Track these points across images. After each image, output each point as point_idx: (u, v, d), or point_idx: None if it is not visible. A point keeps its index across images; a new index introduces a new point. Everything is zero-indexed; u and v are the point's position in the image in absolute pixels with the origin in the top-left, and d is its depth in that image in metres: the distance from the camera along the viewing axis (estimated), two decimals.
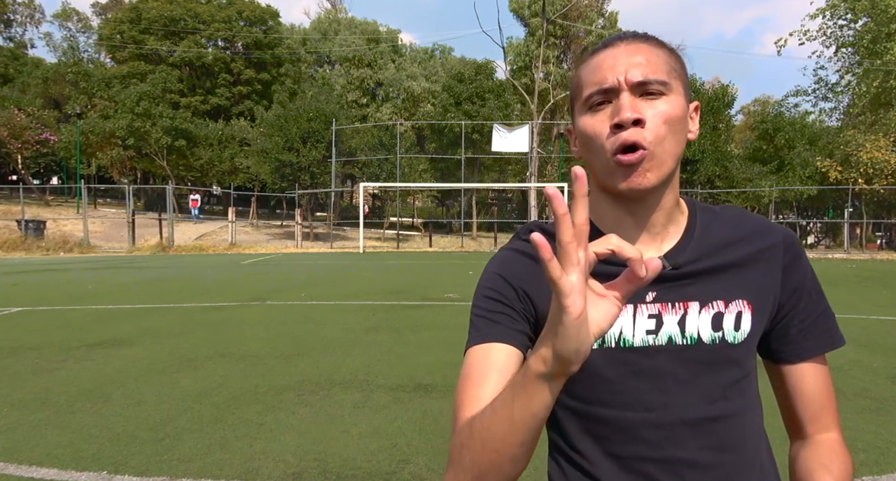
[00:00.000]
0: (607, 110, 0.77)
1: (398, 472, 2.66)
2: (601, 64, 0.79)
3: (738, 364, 0.81)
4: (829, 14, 28.19)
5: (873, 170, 24.24)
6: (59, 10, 45.92)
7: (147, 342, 5.50)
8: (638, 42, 0.79)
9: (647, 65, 0.77)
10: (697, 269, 0.82)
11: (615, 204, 0.83)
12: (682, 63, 0.82)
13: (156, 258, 19.09)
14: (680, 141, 0.78)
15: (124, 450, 2.88)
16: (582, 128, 0.80)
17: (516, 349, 0.79)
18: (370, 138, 30.15)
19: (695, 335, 0.80)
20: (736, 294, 0.82)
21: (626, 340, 0.81)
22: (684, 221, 0.86)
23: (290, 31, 45.06)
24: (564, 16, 35.92)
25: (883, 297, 8.95)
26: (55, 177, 41.32)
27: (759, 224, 0.87)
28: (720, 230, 0.85)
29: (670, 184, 0.82)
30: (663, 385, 0.80)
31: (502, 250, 0.91)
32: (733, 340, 0.81)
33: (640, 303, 0.81)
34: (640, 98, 0.76)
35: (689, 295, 0.81)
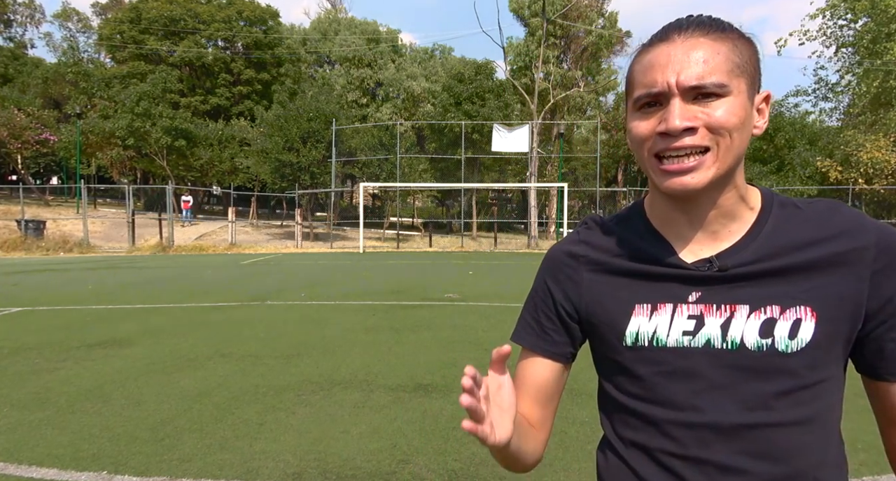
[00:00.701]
0: (657, 114, 0.74)
1: (398, 472, 2.66)
2: (654, 62, 0.73)
3: (792, 374, 0.75)
4: (829, 14, 28.19)
5: (873, 170, 24.24)
6: (59, 10, 45.92)
7: (147, 342, 5.50)
8: (697, 36, 0.72)
9: (705, 65, 0.71)
10: (752, 271, 0.77)
11: (667, 200, 0.81)
12: (752, 51, 0.75)
13: (156, 258, 19.09)
14: (740, 142, 0.74)
15: (124, 450, 2.88)
16: (630, 128, 0.78)
17: (557, 363, 0.91)
18: (370, 138, 30.14)
19: (737, 340, 0.76)
20: (797, 300, 0.75)
21: (658, 340, 0.80)
22: (752, 218, 0.80)
23: (290, 31, 45.06)
24: (564, 16, 35.91)
25: None
26: (55, 177, 41.34)
27: (850, 223, 0.77)
28: (797, 229, 0.78)
29: (729, 183, 0.77)
30: (696, 386, 0.77)
31: (557, 246, 0.95)
32: (785, 349, 0.75)
33: (680, 304, 0.79)
34: (695, 101, 0.72)
35: (739, 298, 0.77)
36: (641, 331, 0.81)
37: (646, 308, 0.81)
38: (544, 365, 0.91)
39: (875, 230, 0.76)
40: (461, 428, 0.69)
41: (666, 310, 0.79)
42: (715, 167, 0.73)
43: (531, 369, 0.91)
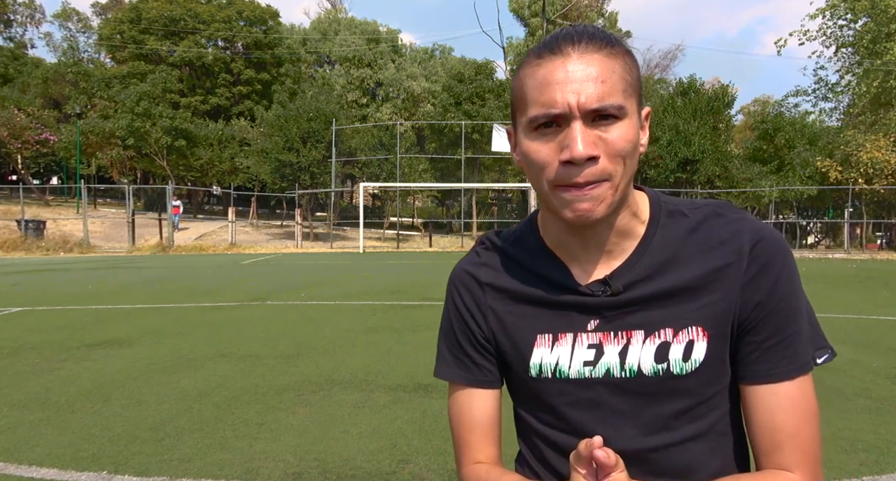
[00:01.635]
0: (556, 138, 0.70)
1: (398, 472, 2.66)
2: (549, 79, 0.69)
3: (689, 393, 0.77)
4: (828, 14, 28.19)
5: (873, 170, 24.24)
6: (59, 10, 45.91)
7: (147, 342, 5.50)
8: (591, 52, 0.69)
9: (602, 86, 0.68)
10: (644, 295, 0.76)
11: (561, 224, 0.79)
12: (635, 65, 0.74)
13: (156, 258, 19.09)
14: (634, 161, 0.73)
15: (124, 450, 2.88)
16: (527, 151, 0.73)
17: (489, 390, 0.87)
18: (370, 138, 30.15)
19: (635, 368, 0.76)
20: (688, 320, 0.75)
21: (561, 371, 0.80)
22: (642, 231, 0.79)
23: (290, 31, 45.06)
24: (564, 16, 35.92)
25: (883, 297, 8.95)
26: (55, 177, 41.33)
27: (728, 230, 0.77)
28: (682, 241, 0.78)
29: (623, 205, 0.76)
30: (601, 415, 0.79)
31: (459, 268, 0.90)
32: (680, 371, 0.75)
33: (580, 333, 0.79)
34: (592, 123, 0.69)
35: (634, 323, 0.77)
36: (545, 363, 0.81)
37: (547, 338, 0.81)
38: (485, 396, 0.87)
39: (749, 236, 0.76)
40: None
41: (567, 341, 0.79)
42: (613, 196, 0.71)
43: (478, 404, 0.87)
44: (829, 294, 9.38)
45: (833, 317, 6.90)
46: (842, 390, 3.84)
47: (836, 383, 4.01)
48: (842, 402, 3.57)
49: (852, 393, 3.77)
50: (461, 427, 0.87)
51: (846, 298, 8.75)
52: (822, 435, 2.49)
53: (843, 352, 4.93)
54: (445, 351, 0.90)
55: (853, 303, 8.17)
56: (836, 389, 3.87)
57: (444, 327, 0.91)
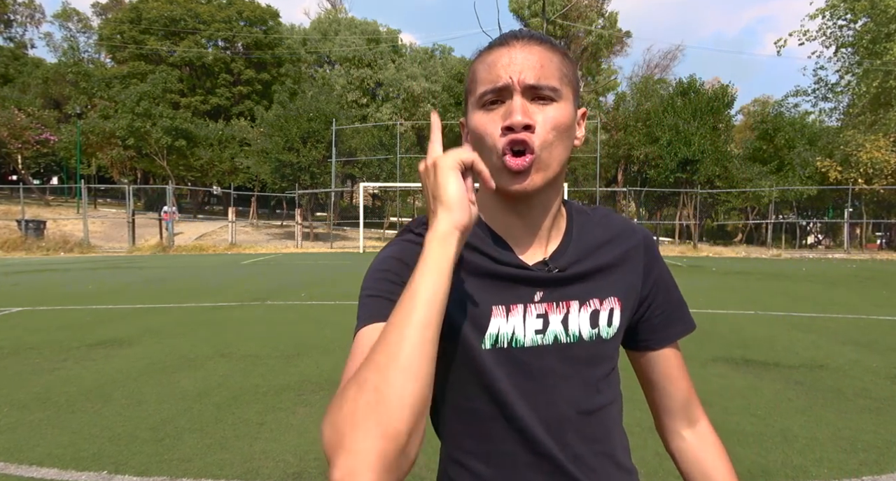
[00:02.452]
0: (499, 110, 0.79)
1: None
2: (496, 62, 0.80)
3: (609, 358, 0.88)
4: (828, 14, 28.19)
5: (873, 170, 24.24)
6: (59, 11, 45.91)
7: (147, 342, 5.50)
8: (533, 44, 0.81)
9: (541, 69, 0.78)
10: (578, 271, 0.87)
11: (503, 204, 0.86)
12: (574, 69, 0.85)
13: (156, 258, 19.09)
14: (567, 147, 0.81)
15: (124, 450, 2.88)
16: (474, 125, 0.82)
17: None
18: (370, 138, 30.15)
19: (577, 333, 0.85)
20: (608, 292, 0.87)
21: (517, 340, 0.83)
22: (564, 224, 0.90)
23: (290, 31, 45.05)
24: (564, 16, 35.92)
25: (883, 297, 8.95)
26: (55, 177, 41.33)
27: (624, 225, 0.93)
28: (594, 232, 0.90)
29: (555, 187, 0.85)
30: (549, 382, 0.83)
31: (397, 240, 0.87)
32: (606, 336, 0.86)
33: (529, 303, 0.84)
34: (532, 102, 0.78)
35: (571, 294, 0.86)
36: (501, 333, 0.83)
37: (502, 309, 0.84)
38: None
39: (640, 231, 0.93)
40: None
41: (518, 311, 0.84)
42: (546, 168, 0.80)
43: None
44: (829, 294, 9.38)
45: (833, 316, 6.90)
46: (842, 390, 3.84)
47: (836, 383, 4.01)
48: (842, 402, 3.57)
49: (852, 394, 3.77)
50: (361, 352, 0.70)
51: (846, 298, 8.75)
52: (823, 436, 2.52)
53: (843, 352, 4.93)
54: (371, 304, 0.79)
55: (853, 303, 8.17)
56: (836, 389, 3.87)
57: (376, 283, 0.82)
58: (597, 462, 0.84)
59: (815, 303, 8.19)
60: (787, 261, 19.71)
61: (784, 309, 7.66)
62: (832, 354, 4.85)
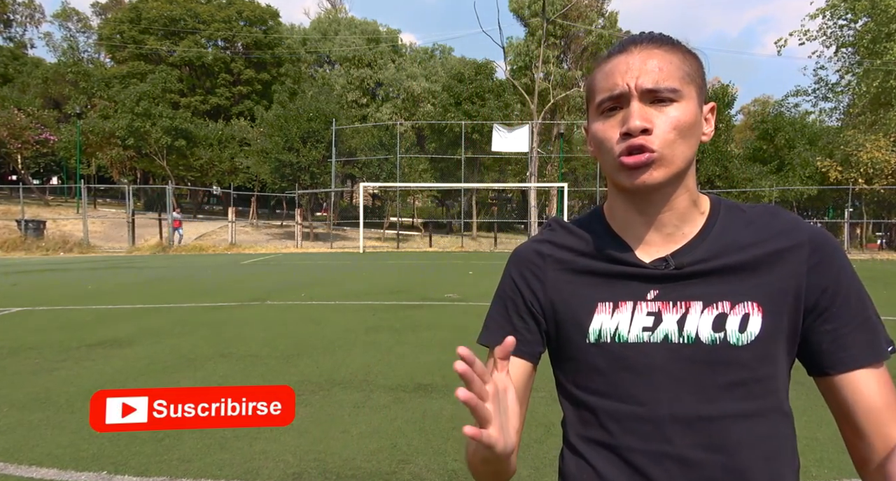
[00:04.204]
0: (618, 116, 0.80)
1: (398, 472, 2.66)
2: (614, 70, 0.80)
3: (745, 366, 0.79)
4: (829, 14, 28.18)
5: (873, 170, 24.24)
6: (59, 10, 45.89)
7: (147, 342, 5.50)
8: (652, 47, 0.80)
9: (660, 72, 0.78)
10: (704, 269, 0.82)
11: (626, 202, 0.86)
12: (699, 65, 0.83)
13: (156, 258, 19.09)
14: (691, 144, 0.80)
15: (124, 450, 2.88)
16: (594, 132, 0.83)
17: (525, 361, 0.90)
18: (370, 138, 30.15)
19: (693, 334, 0.80)
20: (745, 296, 0.80)
21: (620, 336, 0.83)
22: (702, 221, 0.86)
23: (290, 31, 45.05)
24: (564, 16, 35.90)
25: (883, 297, 8.95)
26: (55, 177, 41.33)
27: (786, 224, 0.84)
28: (741, 230, 0.84)
29: (681, 184, 0.83)
30: (657, 381, 0.81)
31: (523, 246, 0.96)
32: (736, 342, 0.79)
33: (640, 301, 0.83)
34: (651, 105, 0.78)
35: (693, 294, 0.82)
36: (604, 328, 0.84)
37: (608, 306, 0.85)
38: (517, 365, 0.89)
39: (808, 230, 0.83)
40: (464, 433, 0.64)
41: (627, 308, 0.83)
42: (668, 165, 0.78)
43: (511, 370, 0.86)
44: None
45: None
46: None
47: None
48: None
49: None
50: None
51: None
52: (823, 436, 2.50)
53: None
54: (491, 320, 0.95)
55: None
56: None
57: (495, 296, 0.96)
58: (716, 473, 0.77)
59: None
60: None
61: None
62: None
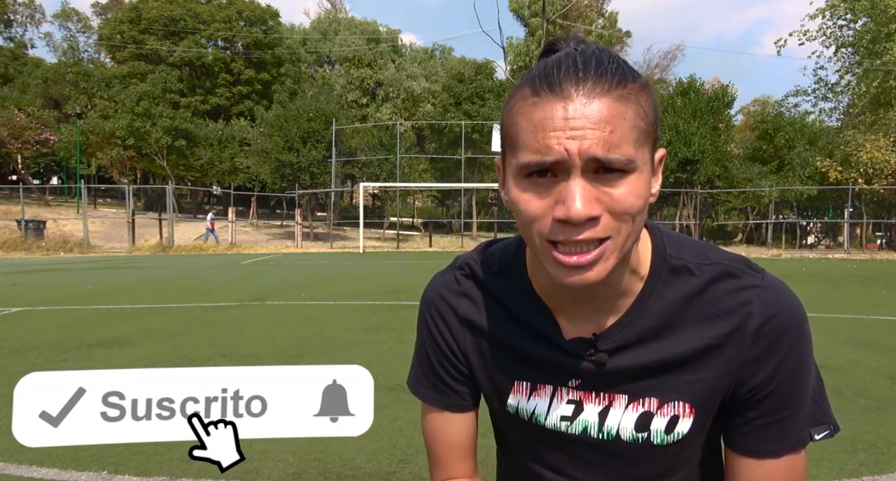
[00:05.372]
0: (551, 190, 0.60)
1: (398, 472, 2.66)
2: (545, 123, 0.59)
3: (667, 459, 0.74)
4: (828, 14, 28.19)
5: (873, 170, 24.23)
6: (59, 10, 45.88)
7: (147, 342, 5.50)
8: (598, 92, 0.58)
9: (611, 134, 0.58)
10: (631, 366, 0.71)
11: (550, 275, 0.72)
12: (653, 106, 0.63)
13: (156, 258, 19.09)
14: (640, 223, 0.63)
15: (124, 450, 2.88)
16: (516, 200, 0.63)
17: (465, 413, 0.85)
18: (370, 138, 30.15)
19: (613, 432, 0.73)
20: (675, 394, 0.70)
21: (537, 419, 0.78)
22: (639, 288, 0.71)
23: (290, 31, 45.06)
24: (564, 16, 35.91)
25: (883, 297, 8.95)
26: (55, 177, 41.31)
27: (736, 300, 0.68)
28: (681, 309, 0.70)
29: (623, 264, 0.68)
30: (575, 461, 0.78)
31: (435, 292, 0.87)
32: (661, 442, 0.72)
33: (561, 387, 0.75)
34: (595, 176, 0.59)
35: (618, 387, 0.72)
36: (521, 408, 0.79)
37: (525, 386, 0.78)
38: (462, 419, 0.85)
39: (760, 311, 0.68)
40: None
41: (546, 392, 0.76)
42: (615, 256, 0.62)
43: (454, 427, 0.85)
44: (828, 294, 9.37)
45: (833, 317, 6.90)
46: (842, 390, 3.84)
47: (836, 383, 4.01)
48: (842, 402, 3.57)
49: (852, 394, 3.76)
50: (437, 445, 0.86)
51: (846, 298, 8.75)
52: None
53: (843, 352, 4.93)
54: (420, 373, 0.88)
55: (853, 303, 8.16)
56: (836, 389, 3.86)
57: (418, 349, 0.88)
58: None
59: (815, 303, 8.18)
60: (787, 260, 19.71)
61: None
62: (832, 354, 4.85)
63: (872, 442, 2.91)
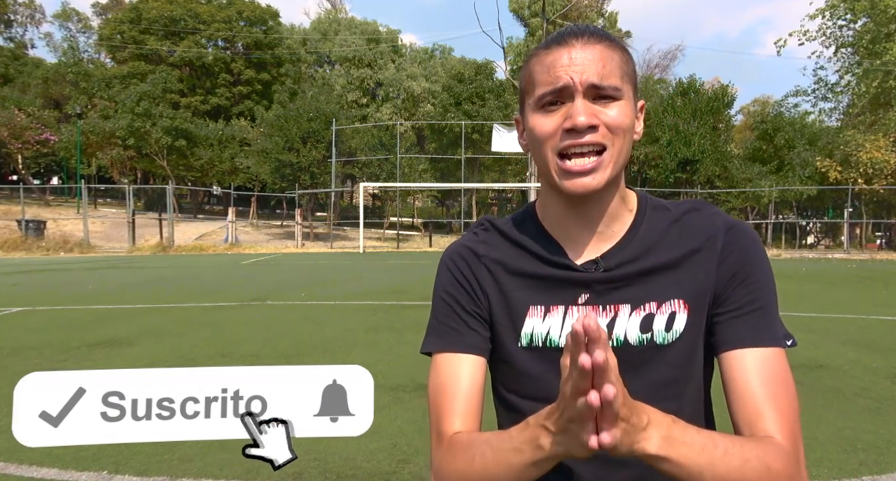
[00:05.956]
0: (560, 111, 0.78)
1: (398, 472, 2.66)
2: (555, 62, 0.78)
3: (672, 365, 0.82)
4: (828, 14, 28.20)
5: (873, 170, 24.24)
6: (59, 11, 45.88)
7: (147, 342, 5.50)
8: (594, 41, 0.78)
9: (603, 68, 0.77)
10: (631, 272, 0.83)
11: (560, 201, 0.85)
12: (633, 63, 0.83)
13: (156, 258, 19.10)
14: (629, 144, 0.80)
15: (124, 450, 2.88)
16: (532, 126, 0.81)
17: (479, 357, 0.88)
18: (370, 138, 30.15)
19: (621, 337, 0.82)
20: (670, 294, 0.82)
21: (552, 340, 0.84)
22: (630, 219, 0.87)
23: (290, 31, 45.05)
24: (564, 16, 35.91)
25: (883, 297, 8.95)
26: (55, 177, 41.31)
27: (705, 219, 0.85)
28: (666, 229, 0.85)
29: (616, 185, 0.83)
30: None
31: (456, 244, 0.95)
32: (662, 341, 0.81)
33: (571, 306, 0.84)
34: (593, 102, 0.77)
35: (621, 298, 0.83)
36: (535, 333, 0.85)
37: (540, 309, 0.85)
38: (474, 362, 0.87)
39: (724, 224, 0.84)
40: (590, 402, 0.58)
41: (558, 312, 0.84)
42: (611, 167, 0.78)
43: (466, 370, 0.86)
44: (828, 294, 9.38)
45: (833, 316, 6.90)
46: (842, 390, 3.84)
47: (836, 383, 4.01)
48: (842, 402, 3.57)
49: (852, 394, 3.76)
50: (444, 395, 0.86)
51: (846, 298, 8.75)
52: (823, 435, 2.50)
53: (842, 352, 4.93)
54: (436, 323, 0.92)
55: (853, 303, 8.17)
56: (836, 389, 3.86)
57: (435, 299, 0.93)
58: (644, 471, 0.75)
59: (815, 303, 8.18)
60: (787, 261, 19.71)
61: (784, 309, 7.56)
62: (832, 354, 4.85)
63: (872, 442, 2.91)
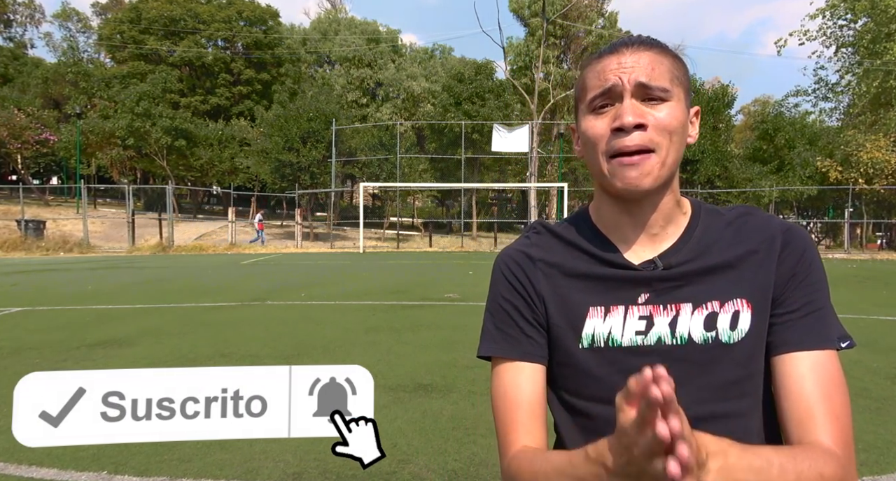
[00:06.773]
0: (610, 113, 0.80)
1: (398, 472, 2.66)
2: (605, 68, 0.80)
3: (738, 364, 0.80)
4: (828, 14, 28.21)
5: (873, 170, 24.23)
6: (59, 10, 45.89)
7: (147, 342, 5.50)
8: (643, 49, 0.80)
9: (651, 70, 0.79)
10: (691, 270, 0.83)
11: (614, 203, 0.86)
12: (686, 69, 0.84)
13: (156, 258, 19.09)
14: (679, 147, 0.81)
15: (124, 450, 2.88)
16: (584, 129, 0.83)
17: (538, 364, 0.88)
18: (370, 138, 30.14)
19: (685, 335, 0.81)
20: (733, 293, 0.82)
21: (614, 340, 0.83)
22: (685, 222, 0.87)
23: (290, 31, 45.05)
24: (564, 16, 35.90)
25: (883, 297, 8.95)
26: (55, 177, 41.32)
27: (761, 221, 0.86)
28: (722, 231, 0.86)
29: (669, 187, 0.83)
30: None
31: (509, 249, 0.95)
32: (728, 340, 0.80)
33: (631, 305, 0.84)
34: (643, 103, 0.79)
35: (682, 297, 0.83)
36: (597, 333, 0.84)
37: (600, 310, 0.85)
38: (534, 370, 0.87)
39: (780, 225, 0.85)
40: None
41: (619, 312, 0.84)
42: (660, 168, 0.79)
43: (526, 378, 0.86)
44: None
45: None
46: None
47: None
48: None
49: (852, 394, 3.75)
50: (508, 404, 0.86)
51: (846, 298, 8.75)
52: None
53: (843, 352, 4.93)
54: (493, 328, 0.91)
55: (853, 303, 8.16)
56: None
57: (491, 305, 0.93)
58: None
59: None
60: None
61: None
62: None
63: (872, 442, 2.91)
